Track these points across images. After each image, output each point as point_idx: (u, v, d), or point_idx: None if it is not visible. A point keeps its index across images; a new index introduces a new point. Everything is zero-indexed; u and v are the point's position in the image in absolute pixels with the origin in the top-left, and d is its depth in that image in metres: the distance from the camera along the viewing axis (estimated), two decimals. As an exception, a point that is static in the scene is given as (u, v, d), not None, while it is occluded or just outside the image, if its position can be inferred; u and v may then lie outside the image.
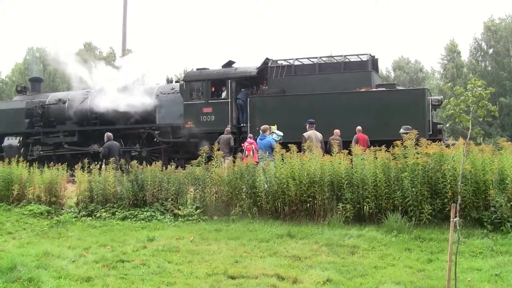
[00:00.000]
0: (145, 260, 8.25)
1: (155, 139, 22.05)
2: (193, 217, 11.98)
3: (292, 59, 20.68)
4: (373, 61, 20.29)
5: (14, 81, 53.70)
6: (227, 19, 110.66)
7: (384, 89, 19.36)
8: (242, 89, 20.69)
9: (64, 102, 23.85)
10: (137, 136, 22.48)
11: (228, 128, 19.22)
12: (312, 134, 15.10)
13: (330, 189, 11.13)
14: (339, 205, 10.83)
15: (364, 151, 11.81)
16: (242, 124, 20.26)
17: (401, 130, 13.76)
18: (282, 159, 11.85)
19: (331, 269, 7.44)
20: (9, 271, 7.53)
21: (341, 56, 20.72)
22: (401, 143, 10.59)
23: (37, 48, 59.86)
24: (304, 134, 15.15)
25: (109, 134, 16.75)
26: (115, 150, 16.18)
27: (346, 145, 13.26)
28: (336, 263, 7.88)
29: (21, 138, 24.04)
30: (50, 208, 13.85)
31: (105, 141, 16.56)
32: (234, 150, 17.54)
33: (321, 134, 15.32)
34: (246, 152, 15.39)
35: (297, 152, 11.83)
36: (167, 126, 21.65)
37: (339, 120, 17.88)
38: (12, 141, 24.12)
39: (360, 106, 18.41)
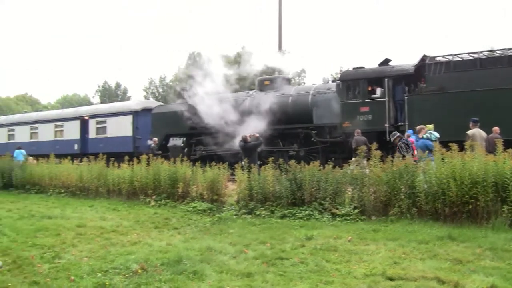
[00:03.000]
0: (303, 258, 8.46)
1: (312, 139, 22.28)
2: (351, 217, 12.04)
3: (451, 55, 19.76)
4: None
5: (176, 85, 56.92)
6: (383, 16, 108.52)
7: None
8: (399, 87, 20.22)
9: (224, 103, 24.88)
10: (295, 136, 22.89)
11: (359, 130, 19.26)
12: (476, 133, 14.48)
13: (494, 190, 10.60)
14: (503, 208, 10.29)
15: None
16: (399, 123, 19.82)
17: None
18: (442, 159, 11.49)
19: (496, 275, 7.11)
20: (175, 264, 8.15)
21: (504, 49, 19.41)
22: None
23: (197, 53, 63.05)
24: (467, 132, 14.56)
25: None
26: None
27: (508, 144, 12.41)
28: (502, 269, 7.51)
29: (184, 139, 25.54)
30: (212, 206, 14.63)
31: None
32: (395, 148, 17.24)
33: (485, 133, 14.62)
34: (413, 150, 15.06)
35: (458, 151, 11.40)
36: (324, 125, 21.83)
37: (502, 118, 16.76)
38: (176, 141, 25.77)
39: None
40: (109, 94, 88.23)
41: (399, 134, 16.74)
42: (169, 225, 12.60)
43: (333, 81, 24.27)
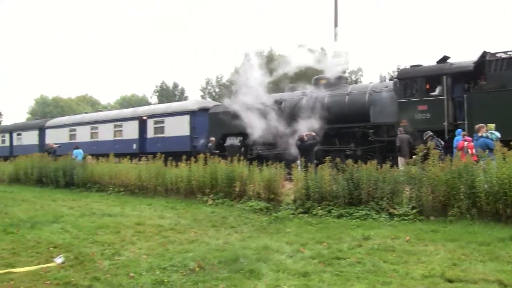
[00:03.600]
0: (360, 258, 8.42)
1: (369, 138, 22.06)
2: (409, 217, 11.89)
3: (513, 51, 19.16)
4: None
5: (233, 84, 57.46)
6: (441, 12, 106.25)
7: None
8: (459, 85, 19.76)
9: (280, 103, 24.95)
10: (351, 135, 22.71)
11: (401, 128, 19.01)
12: None
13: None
14: None
15: None
16: (459, 122, 19.37)
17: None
18: (504, 158, 11.20)
19: (561, 279, 6.91)
20: (232, 262, 8.26)
21: None
22: None
23: (253, 53, 63.26)
24: None
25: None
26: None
27: None
28: None
29: (241, 138, 25.72)
30: (268, 205, 14.69)
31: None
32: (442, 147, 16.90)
33: None
34: (469, 150, 14.75)
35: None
36: (381, 124, 21.57)
37: None
38: (233, 140, 25.97)
39: None
40: (166, 94, 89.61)
41: (431, 134, 16.53)
42: (226, 223, 12.75)
43: (390, 79, 23.94)
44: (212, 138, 25.68)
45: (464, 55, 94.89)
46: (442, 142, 16.52)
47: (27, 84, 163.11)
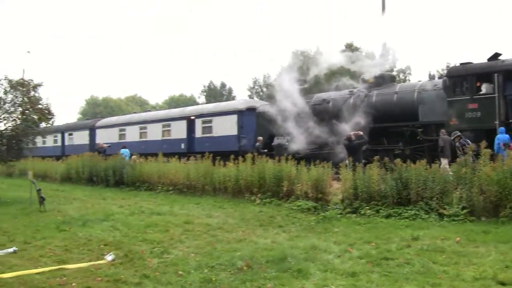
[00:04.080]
0: (409, 259, 8.37)
1: (418, 137, 21.75)
2: (459, 217, 11.71)
3: None
4: None
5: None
6: (492, 9, 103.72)
7: None
8: (511, 83, 19.23)
9: (328, 102, 24.87)
10: (400, 134, 22.44)
11: (444, 130, 18.71)
12: None
13: None
14: None
15: None
16: (511, 120, 18.88)
17: None
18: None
19: None
20: (280, 262, 8.32)
21: None
22: None
23: (300, 52, 63.18)
24: None
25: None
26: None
27: None
28: None
29: (289, 138, 25.69)
30: (316, 204, 14.69)
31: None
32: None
33: None
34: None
35: None
36: (430, 123, 21.24)
37: None
38: (281, 140, 25.95)
39: None
40: (214, 94, 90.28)
41: (459, 134, 16.22)
42: (274, 223, 12.82)
43: (439, 78, 23.53)
44: (260, 138, 25.77)
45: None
46: (470, 142, 16.18)
47: (78, 85, 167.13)
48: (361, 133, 17.87)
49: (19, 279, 7.80)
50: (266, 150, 24.40)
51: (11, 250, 9.74)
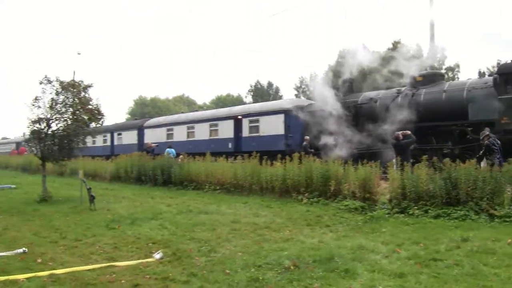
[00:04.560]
0: (458, 260, 8.26)
1: (467, 136, 21.35)
2: (511, 219, 11.45)
3: None
4: None
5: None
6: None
7: None
8: None
9: (376, 101, 24.66)
10: (448, 133, 22.08)
11: (488, 128, 18.02)
12: None
13: None
14: None
15: None
16: None
17: None
18: None
19: None
20: (327, 261, 8.33)
21: None
22: None
23: (347, 50, 62.93)
24: None
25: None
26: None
27: None
28: None
29: (336, 137, 25.58)
30: (363, 204, 14.61)
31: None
32: None
33: None
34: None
35: None
36: (480, 122, 20.78)
37: None
38: (328, 139, 25.85)
39: None
40: (261, 93, 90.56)
41: (487, 133, 15.76)
42: (321, 222, 12.81)
43: (489, 75, 23.01)
44: (307, 137, 25.74)
45: None
46: (499, 142, 15.79)
47: (127, 85, 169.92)
48: (409, 132, 17.70)
49: (70, 275, 8.02)
50: (313, 150, 24.35)
51: (20, 250, 9.94)
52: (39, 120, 19.24)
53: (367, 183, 15.33)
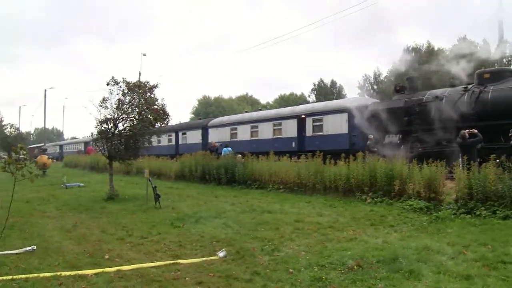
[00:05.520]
0: (528, 264, 8.01)
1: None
2: None
3: None
4: None
5: (392, 81, 56.52)
6: None
7: None
8: None
9: (441, 99, 24.12)
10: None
11: None
12: None
13: None
14: None
15: None
16: None
17: None
18: None
19: None
20: (391, 262, 8.26)
21: None
22: None
23: (412, 48, 62.05)
24: None
25: None
26: None
27: None
28: None
29: (400, 136, 25.22)
30: (429, 204, 14.35)
31: None
32: None
33: None
34: None
35: None
36: None
37: None
38: (392, 138, 25.51)
39: None
40: (324, 92, 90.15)
41: None
42: (385, 222, 12.70)
43: None
44: (371, 136, 25.48)
45: None
46: None
47: (191, 85, 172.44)
48: (476, 131, 17.27)
49: (136, 272, 8.26)
50: (377, 149, 24.08)
51: (29, 248, 10.19)
52: (106, 121, 19.79)
53: (433, 182, 15.04)
